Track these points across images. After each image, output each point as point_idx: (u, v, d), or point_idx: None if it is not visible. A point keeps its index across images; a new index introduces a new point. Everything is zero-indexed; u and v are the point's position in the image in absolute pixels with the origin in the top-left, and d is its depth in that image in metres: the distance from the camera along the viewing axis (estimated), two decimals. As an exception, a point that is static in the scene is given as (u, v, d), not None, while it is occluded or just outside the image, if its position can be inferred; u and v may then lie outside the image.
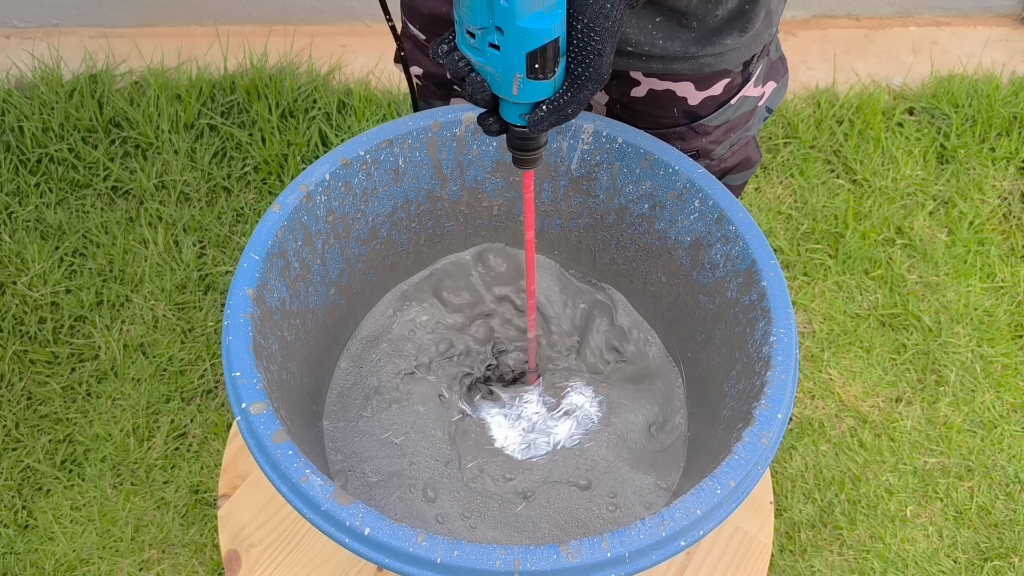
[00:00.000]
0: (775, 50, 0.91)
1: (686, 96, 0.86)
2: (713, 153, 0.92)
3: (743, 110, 0.90)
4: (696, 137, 0.90)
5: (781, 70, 0.93)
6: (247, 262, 0.76)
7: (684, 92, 0.86)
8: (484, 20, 0.57)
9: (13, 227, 1.77)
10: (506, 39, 0.57)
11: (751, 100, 0.90)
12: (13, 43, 2.13)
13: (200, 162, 1.86)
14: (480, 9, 0.57)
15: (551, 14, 0.56)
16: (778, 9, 0.83)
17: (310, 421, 0.88)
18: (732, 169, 0.97)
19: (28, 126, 1.87)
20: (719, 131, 0.90)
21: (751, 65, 0.86)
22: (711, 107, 0.88)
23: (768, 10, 0.81)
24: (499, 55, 0.59)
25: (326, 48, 2.09)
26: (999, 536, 1.45)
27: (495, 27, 0.57)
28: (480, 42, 0.59)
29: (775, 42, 0.90)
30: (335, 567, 0.89)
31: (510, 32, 0.57)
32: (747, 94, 0.89)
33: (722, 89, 0.86)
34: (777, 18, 0.85)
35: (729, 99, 0.88)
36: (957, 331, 1.66)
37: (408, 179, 0.89)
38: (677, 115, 0.88)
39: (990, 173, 1.90)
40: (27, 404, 1.56)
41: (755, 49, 0.84)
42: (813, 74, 2.09)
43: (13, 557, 1.41)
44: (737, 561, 0.86)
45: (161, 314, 1.65)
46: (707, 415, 0.86)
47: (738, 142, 0.94)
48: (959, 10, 2.21)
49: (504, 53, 0.58)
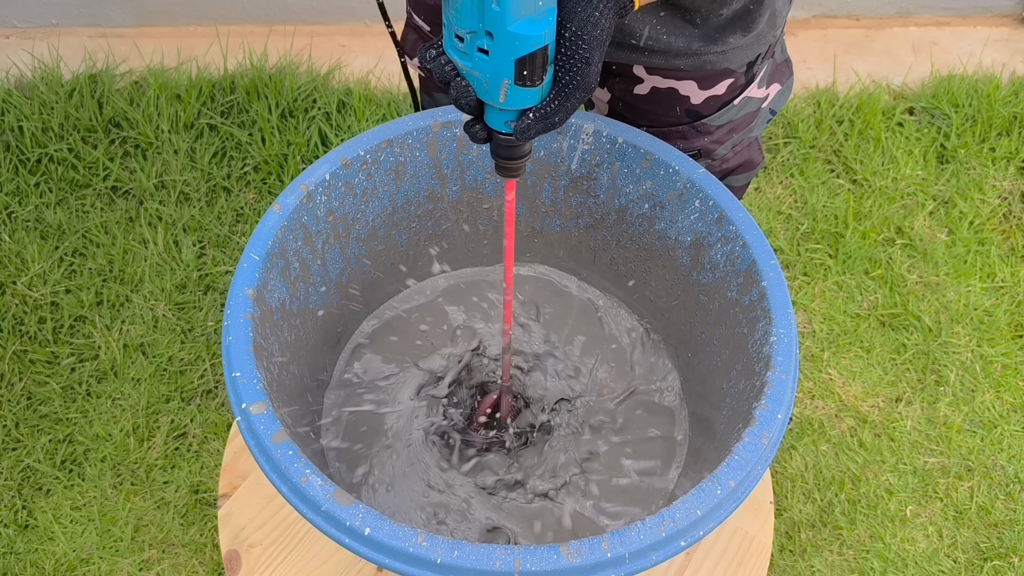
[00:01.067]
0: (780, 52, 0.91)
1: (689, 95, 0.86)
2: (715, 153, 0.92)
3: (746, 111, 0.90)
4: (698, 136, 0.90)
5: (786, 72, 0.93)
6: (247, 262, 0.76)
7: (687, 91, 0.85)
8: (474, 24, 0.56)
9: (13, 227, 1.77)
10: (495, 44, 0.56)
11: (754, 101, 0.90)
12: (13, 43, 2.13)
13: (200, 162, 1.86)
14: (470, 13, 0.56)
15: (542, 20, 0.56)
16: (783, 11, 0.83)
17: (310, 420, 0.88)
18: (734, 170, 0.97)
19: (28, 126, 1.87)
20: (721, 131, 0.90)
21: (755, 66, 0.86)
22: (714, 107, 0.87)
23: (773, 11, 0.81)
24: (487, 60, 0.58)
25: (326, 48, 2.09)
26: (999, 536, 1.45)
27: (485, 31, 0.56)
28: (468, 46, 0.58)
29: (780, 44, 0.90)
30: (335, 567, 0.89)
31: (500, 37, 0.56)
32: (750, 95, 0.89)
33: (725, 89, 0.86)
34: (782, 20, 0.84)
35: (732, 99, 0.88)
36: (957, 331, 1.66)
37: (408, 179, 0.89)
38: (679, 114, 0.88)
39: (990, 173, 1.90)
40: (27, 404, 1.56)
41: (759, 49, 0.84)
42: (813, 74, 2.09)
43: (13, 557, 1.41)
44: (737, 561, 0.86)
45: (161, 314, 1.65)
46: (707, 415, 0.86)
47: (740, 143, 0.94)
48: (959, 10, 2.21)
49: (493, 58, 0.57)
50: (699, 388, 0.90)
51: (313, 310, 0.87)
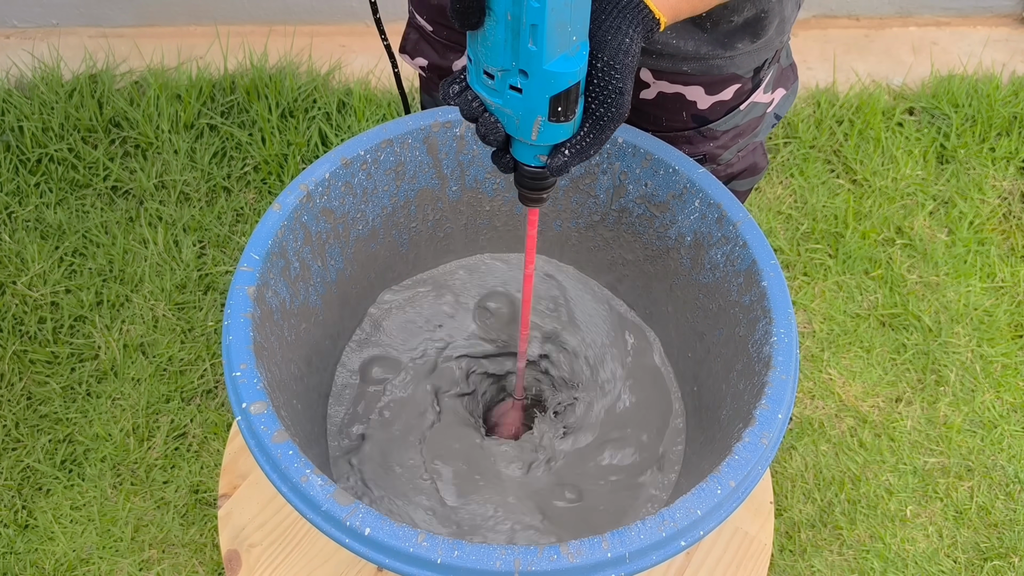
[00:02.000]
0: (786, 57, 0.91)
1: (696, 100, 0.86)
2: (720, 158, 0.92)
3: (752, 116, 0.90)
4: (704, 141, 0.90)
5: (791, 77, 0.93)
6: (247, 262, 0.76)
7: (694, 96, 0.85)
8: (507, 63, 0.55)
9: (13, 227, 1.77)
10: (530, 83, 0.55)
11: (760, 106, 0.90)
12: (13, 43, 2.13)
13: (200, 162, 1.86)
14: (503, 51, 0.54)
15: (576, 56, 0.54)
16: (791, 18, 0.83)
17: (313, 420, 0.88)
18: (738, 175, 0.97)
19: (28, 126, 1.87)
20: (727, 136, 0.90)
21: (762, 71, 0.86)
22: (720, 112, 0.87)
23: (782, 18, 0.81)
24: (520, 98, 0.56)
25: (326, 48, 2.09)
26: (999, 536, 1.45)
27: (519, 70, 0.55)
28: (499, 84, 0.56)
29: (786, 49, 0.90)
30: (335, 567, 0.89)
31: (535, 76, 0.54)
32: (756, 100, 0.89)
33: (732, 94, 0.86)
34: (790, 26, 0.84)
35: (739, 104, 0.88)
36: (957, 331, 1.66)
37: (408, 179, 0.89)
38: (686, 119, 0.88)
39: (990, 173, 1.90)
40: (27, 404, 1.56)
41: (766, 55, 0.84)
42: (813, 74, 2.09)
43: (13, 557, 1.41)
44: (737, 561, 0.86)
45: (161, 314, 1.65)
46: (707, 415, 0.86)
47: (746, 148, 0.94)
48: (959, 10, 2.21)
49: (526, 96, 0.56)
50: (699, 388, 0.90)
51: (313, 309, 0.87)
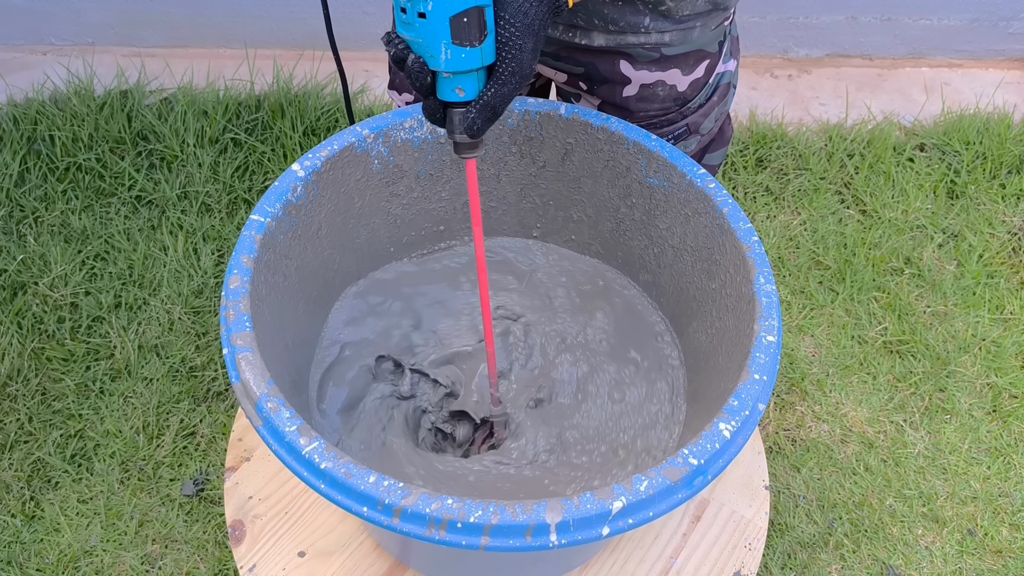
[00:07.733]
0: (733, 28, 0.97)
1: (675, 83, 0.91)
2: (702, 127, 0.97)
3: (722, 83, 0.96)
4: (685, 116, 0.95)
5: (738, 49, 1.00)
6: (259, 213, 0.79)
7: (673, 80, 0.91)
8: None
9: (39, 230, 1.81)
10: (433, 7, 0.61)
11: (727, 75, 0.96)
12: (49, 59, 2.21)
13: (223, 175, 1.90)
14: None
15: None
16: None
17: (299, 368, 0.89)
18: (710, 144, 1.01)
19: (59, 136, 1.93)
20: (706, 106, 0.96)
21: (723, 44, 0.93)
22: (698, 88, 0.93)
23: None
24: (426, 23, 0.62)
25: (350, 73, 2.15)
26: (1003, 564, 1.44)
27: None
28: (411, 16, 0.63)
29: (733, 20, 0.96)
30: (337, 538, 0.90)
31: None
32: (721, 70, 0.95)
33: (704, 70, 0.92)
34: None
35: (710, 78, 0.94)
36: (965, 360, 1.66)
37: (405, 168, 0.92)
38: (669, 104, 0.93)
39: (1000, 209, 1.92)
40: (41, 399, 1.58)
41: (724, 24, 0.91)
42: (825, 109, 2.13)
43: (19, 546, 1.42)
44: (733, 543, 0.86)
45: (177, 317, 1.68)
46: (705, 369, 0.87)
47: (721, 115, 0.99)
48: (971, 53, 2.24)
49: (430, 19, 0.62)
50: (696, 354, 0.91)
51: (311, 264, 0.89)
